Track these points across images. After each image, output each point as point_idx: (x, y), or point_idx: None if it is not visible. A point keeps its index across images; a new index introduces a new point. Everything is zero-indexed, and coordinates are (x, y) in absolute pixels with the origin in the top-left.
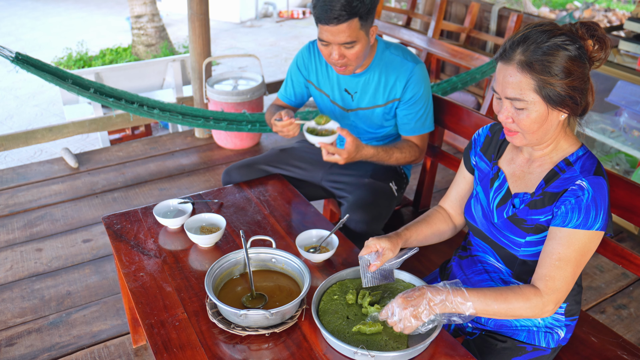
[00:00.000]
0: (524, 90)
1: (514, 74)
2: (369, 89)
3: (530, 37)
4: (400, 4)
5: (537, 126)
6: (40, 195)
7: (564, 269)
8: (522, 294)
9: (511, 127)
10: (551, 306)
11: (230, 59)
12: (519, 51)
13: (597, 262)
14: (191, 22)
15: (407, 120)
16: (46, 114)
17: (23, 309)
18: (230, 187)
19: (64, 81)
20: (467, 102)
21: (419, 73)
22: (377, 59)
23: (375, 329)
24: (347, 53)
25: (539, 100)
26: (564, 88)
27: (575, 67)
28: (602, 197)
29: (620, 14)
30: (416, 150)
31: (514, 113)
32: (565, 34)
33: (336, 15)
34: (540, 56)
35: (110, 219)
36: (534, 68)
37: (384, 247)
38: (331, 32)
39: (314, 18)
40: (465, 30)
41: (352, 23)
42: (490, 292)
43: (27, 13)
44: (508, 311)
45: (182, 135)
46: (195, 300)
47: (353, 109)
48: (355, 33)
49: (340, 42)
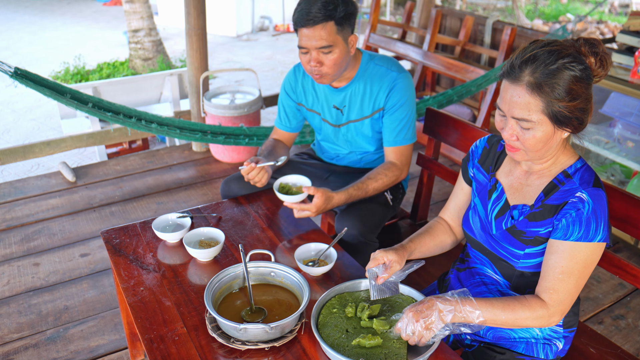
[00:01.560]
0: (532, 111)
1: (522, 95)
2: (356, 100)
3: (538, 57)
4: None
5: (542, 145)
6: (38, 209)
7: (568, 281)
8: (529, 305)
9: (515, 144)
10: (557, 317)
11: (227, 72)
12: (528, 72)
13: (594, 273)
14: (189, 37)
15: (390, 130)
16: (43, 127)
17: (20, 324)
18: (228, 201)
19: (63, 96)
20: (462, 114)
21: (403, 81)
22: (362, 71)
23: (374, 342)
24: (324, 59)
25: (546, 120)
26: (570, 109)
27: (582, 88)
28: (602, 209)
29: (612, 26)
30: (395, 170)
31: (519, 132)
32: (572, 55)
33: (312, 17)
34: (548, 78)
35: (109, 233)
36: (543, 90)
37: (392, 260)
38: (307, 36)
39: (293, 26)
40: (460, 44)
41: (327, 26)
42: (497, 302)
43: (24, 27)
44: (515, 321)
45: (179, 149)
46: (195, 314)
47: (344, 123)
48: (332, 37)
49: (316, 47)
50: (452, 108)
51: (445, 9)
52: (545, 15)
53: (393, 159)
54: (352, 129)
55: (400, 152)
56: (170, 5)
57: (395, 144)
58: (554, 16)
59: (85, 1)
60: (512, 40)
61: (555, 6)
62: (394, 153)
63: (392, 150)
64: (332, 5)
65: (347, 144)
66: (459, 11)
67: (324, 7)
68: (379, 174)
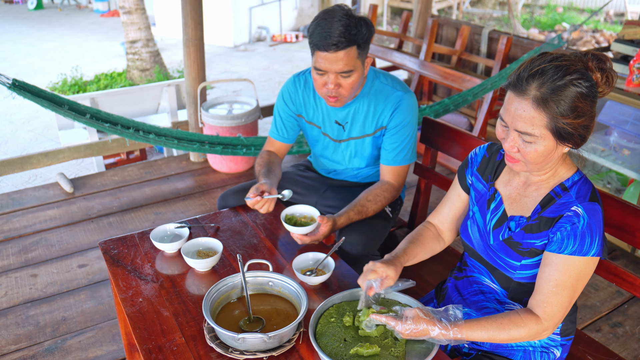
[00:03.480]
0: (536, 125)
1: (527, 109)
2: (359, 118)
3: (546, 72)
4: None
5: (542, 158)
6: (36, 220)
7: (561, 294)
8: (522, 322)
9: (515, 156)
10: (549, 330)
11: (225, 83)
12: (534, 86)
13: (591, 281)
14: (186, 48)
15: (390, 149)
16: (41, 139)
17: (18, 335)
18: (226, 211)
19: (61, 107)
20: (459, 123)
21: (408, 102)
22: (367, 88)
23: (372, 351)
24: (343, 82)
25: (549, 135)
26: (574, 126)
27: (587, 106)
28: (597, 224)
29: (607, 35)
30: (392, 191)
31: (521, 144)
32: (579, 71)
33: (335, 42)
34: (555, 94)
35: (107, 244)
36: (549, 105)
37: (389, 276)
38: (329, 60)
39: (311, 46)
40: (457, 53)
41: (350, 51)
42: (490, 324)
43: (22, 39)
44: (510, 340)
45: (177, 160)
46: (193, 324)
47: (344, 139)
48: (353, 62)
49: (337, 71)
50: (449, 117)
51: (442, 19)
52: (541, 25)
53: (390, 179)
54: (353, 146)
55: (397, 172)
56: (167, 16)
57: (394, 164)
58: (550, 25)
59: (83, 12)
60: (508, 49)
61: (552, 15)
62: (391, 173)
63: (389, 170)
64: (355, 30)
65: (346, 160)
66: (455, 21)
67: (347, 30)
68: (377, 195)
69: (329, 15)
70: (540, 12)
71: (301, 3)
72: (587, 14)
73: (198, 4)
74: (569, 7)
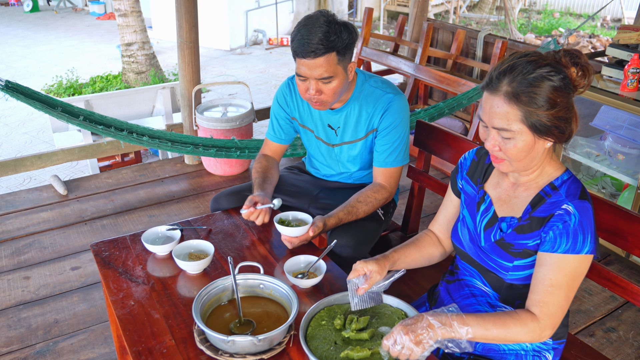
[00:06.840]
0: (511, 120)
1: (500, 105)
2: (351, 122)
3: (516, 67)
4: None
5: (524, 154)
6: (29, 222)
7: (557, 294)
8: (520, 319)
9: (498, 154)
10: (548, 331)
11: (220, 86)
12: (506, 82)
13: (585, 285)
14: (181, 50)
15: (382, 150)
16: (35, 141)
17: (9, 338)
18: (218, 214)
19: (54, 109)
20: (454, 127)
21: (398, 103)
22: (357, 92)
23: (363, 355)
24: (324, 88)
25: (526, 130)
26: (549, 118)
27: (561, 97)
28: (589, 221)
29: (604, 40)
30: (384, 193)
31: (501, 142)
32: (550, 64)
33: (313, 49)
34: (526, 87)
35: (98, 246)
36: (521, 99)
37: (372, 270)
38: (308, 66)
39: (292, 52)
40: (452, 57)
41: (329, 57)
42: (488, 316)
43: (17, 41)
44: (507, 336)
45: (171, 162)
46: (183, 327)
47: (337, 144)
48: (333, 68)
49: (317, 77)
50: (444, 121)
51: (437, 23)
52: (537, 30)
53: (382, 181)
54: (346, 150)
55: (389, 174)
56: (164, 19)
57: (386, 165)
58: (547, 30)
59: (79, 15)
60: (504, 53)
61: (548, 20)
62: (383, 175)
63: (381, 172)
64: (334, 36)
65: (339, 164)
66: (451, 25)
67: (326, 37)
68: (368, 197)
69: (310, 22)
70: (537, 17)
71: (297, 6)
72: (584, 19)
73: (193, 6)
74: (565, 12)
